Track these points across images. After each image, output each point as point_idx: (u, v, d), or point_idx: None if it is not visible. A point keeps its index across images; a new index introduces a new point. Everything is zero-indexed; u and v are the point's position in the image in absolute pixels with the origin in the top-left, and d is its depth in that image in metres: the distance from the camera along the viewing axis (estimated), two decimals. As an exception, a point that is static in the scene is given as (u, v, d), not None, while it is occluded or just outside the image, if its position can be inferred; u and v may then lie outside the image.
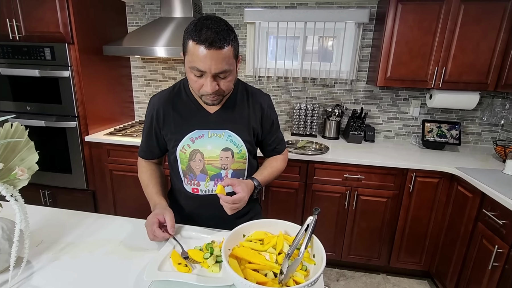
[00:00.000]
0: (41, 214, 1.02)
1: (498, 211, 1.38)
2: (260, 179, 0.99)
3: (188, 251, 0.81)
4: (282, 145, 1.11)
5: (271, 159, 1.10)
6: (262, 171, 1.03)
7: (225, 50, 0.78)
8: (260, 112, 1.00)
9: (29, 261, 0.78)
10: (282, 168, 1.10)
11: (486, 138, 2.28)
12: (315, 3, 2.20)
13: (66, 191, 2.22)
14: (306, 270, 0.71)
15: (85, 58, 2.02)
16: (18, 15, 1.89)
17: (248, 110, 0.99)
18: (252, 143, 1.00)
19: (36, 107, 2.07)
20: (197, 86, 0.84)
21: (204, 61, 0.77)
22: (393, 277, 2.06)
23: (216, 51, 0.76)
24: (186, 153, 0.95)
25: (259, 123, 1.01)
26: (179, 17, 2.16)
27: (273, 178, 1.06)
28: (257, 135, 1.02)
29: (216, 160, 0.96)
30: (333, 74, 2.30)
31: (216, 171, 0.97)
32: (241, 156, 0.98)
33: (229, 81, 0.84)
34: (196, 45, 0.76)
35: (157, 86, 2.58)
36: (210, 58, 0.77)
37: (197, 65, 0.78)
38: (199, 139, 0.95)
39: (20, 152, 0.75)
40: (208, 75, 0.80)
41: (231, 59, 0.81)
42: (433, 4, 1.80)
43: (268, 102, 1.04)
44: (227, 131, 0.96)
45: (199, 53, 0.76)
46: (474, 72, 1.86)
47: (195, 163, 0.96)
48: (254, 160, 1.07)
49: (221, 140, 0.95)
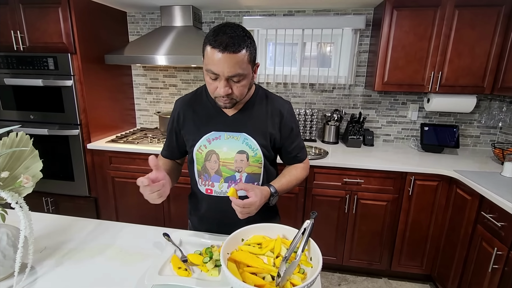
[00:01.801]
0: (44, 221, 1.05)
1: (496, 213, 1.39)
2: (277, 187, 0.97)
3: (188, 255, 0.83)
4: (303, 153, 1.10)
5: (291, 168, 1.09)
6: (280, 179, 1.02)
7: (239, 54, 0.81)
8: (279, 118, 1.01)
9: (33, 267, 0.80)
10: (302, 177, 1.09)
11: (484, 141, 2.29)
12: (312, 10, 2.24)
13: (68, 198, 2.25)
14: (303, 273, 0.72)
15: (87, 67, 2.06)
16: (22, 27, 1.94)
17: (266, 115, 1.00)
18: (269, 148, 1.00)
19: (39, 115, 2.10)
20: (212, 89, 0.87)
21: (218, 64, 0.81)
22: (395, 281, 2.06)
23: (230, 55, 0.79)
24: (202, 153, 0.98)
25: (277, 129, 1.00)
26: (179, 26, 2.20)
27: (292, 187, 1.04)
28: (274, 140, 1.01)
29: (231, 162, 0.97)
30: (332, 80, 2.32)
31: (230, 173, 0.98)
32: (256, 160, 0.98)
33: (242, 85, 0.87)
34: (212, 49, 0.80)
35: (158, 93, 2.62)
36: (224, 61, 0.80)
37: (212, 68, 0.82)
38: (215, 140, 0.97)
39: (25, 161, 0.78)
40: (222, 78, 0.83)
41: (245, 64, 0.83)
42: (427, 10, 1.83)
43: (288, 109, 1.04)
44: (243, 134, 0.97)
45: (214, 57, 0.80)
46: (470, 75, 1.88)
47: (210, 163, 0.98)
48: (272, 167, 1.06)
49: (237, 143, 0.97)
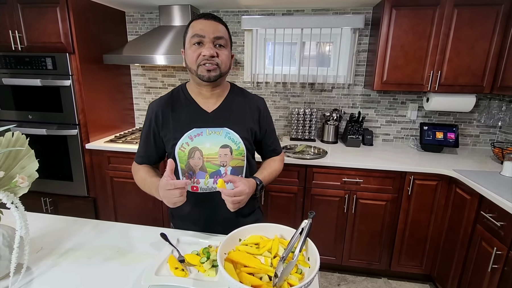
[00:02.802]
0: (41, 221, 1.04)
1: (496, 213, 1.38)
2: (262, 178, 1.02)
3: (185, 256, 0.83)
4: (279, 146, 1.18)
5: (269, 161, 1.15)
6: (262, 171, 1.07)
7: (221, 26, 0.92)
8: (257, 113, 1.05)
9: (29, 268, 0.79)
10: (280, 169, 1.16)
11: (484, 140, 2.29)
12: (311, 9, 2.24)
13: (67, 199, 2.24)
14: (301, 273, 0.72)
15: (86, 67, 2.05)
16: (20, 27, 1.94)
17: (245, 109, 1.04)
18: (250, 141, 1.03)
19: (37, 115, 2.10)
20: (195, 56, 0.90)
21: (203, 28, 0.89)
22: (394, 281, 2.05)
23: (214, 22, 0.91)
24: (185, 151, 0.97)
25: (256, 123, 1.05)
26: (178, 25, 2.20)
27: (273, 178, 1.10)
28: (254, 134, 1.05)
29: (215, 157, 0.97)
30: (331, 79, 2.32)
31: (215, 168, 0.98)
32: (240, 153, 1.00)
33: (225, 54, 0.93)
34: (196, 20, 0.91)
35: (157, 93, 2.61)
36: (209, 25, 0.90)
37: (197, 32, 0.89)
38: (197, 137, 0.97)
39: (21, 161, 0.77)
40: (207, 41, 0.89)
41: (226, 37, 0.93)
42: (426, 9, 1.83)
43: (264, 105, 1.10)
44: (225, 128, 0.98)
45: (198, 23, 0.90)
46: (469, 74, 1.88)
47: (194, 160, 0.97)
48: (253, 160, 1.10)
49: (219, 138, 0.97)
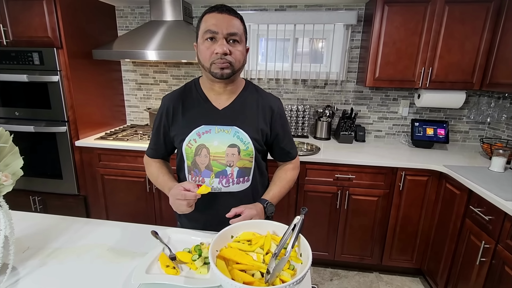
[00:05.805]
0: (29, 220, 1.01)
1: (484, 207, 1.41)
2: (269, 197, 0.99)
3: (177, 253, 0.82)
4: (294, 149, 1.10)
5: (281, 172, 1.09)
6: (271, 188, 1.03)
7: (236, 19, 0.88)
8: (270, 114, 1.00)
9: (14, 268, 0.77)
10: (294, 178, 1.09)
11: (473, 136, 2.32)
12: (304, 5, 2.23)
13: (57, 197, 2.19)
14: (293, 269, 0.71)
15: (75, 63, 2.00)
16: (5, 20, 1.87)
17: (257, 109, 0.99)
18: (261, 142, 0.99)
19: (25, 112, 2.04)
20: (208, 53, 0.87)
21: (217, 23, 0.85)
22: (386, 275, 2.08)
23: (228, 16, 0.86)
24: (192, 148, 0.95)
25: (268, 124, 1.00)
26: (169, 20, 2.16)
27: (285, 192, 1.05)
28: (266, 135, 1.00)
29: (222, 156, 0.95)
30: (323, 75, 2.32)
31: (221, 167, 0.96)
32: (248, 154, 0.96)
33: (239, 50, 0.89)
34: (210, 13, 0.87)
35: (149, 89, 2.57)
36: (222, 20, 0.86)
37: (210, 27, 0.85)
38: (205, 134, 0.95)
39: (5, 158, 0.75)
40: (220, 37, 0.86)
41: (241, 31, 0.89)
42: (418, 5, 1.84)
43: (279, 105, 1.03)
44: (234, 127, 0.95)
45: (211, 18, 0.86)
46: (459, 71, 1.90)
47: (201, 158, 0.95)
48: (263, 161, 1.05)
49: (227, 136, 0.95)
